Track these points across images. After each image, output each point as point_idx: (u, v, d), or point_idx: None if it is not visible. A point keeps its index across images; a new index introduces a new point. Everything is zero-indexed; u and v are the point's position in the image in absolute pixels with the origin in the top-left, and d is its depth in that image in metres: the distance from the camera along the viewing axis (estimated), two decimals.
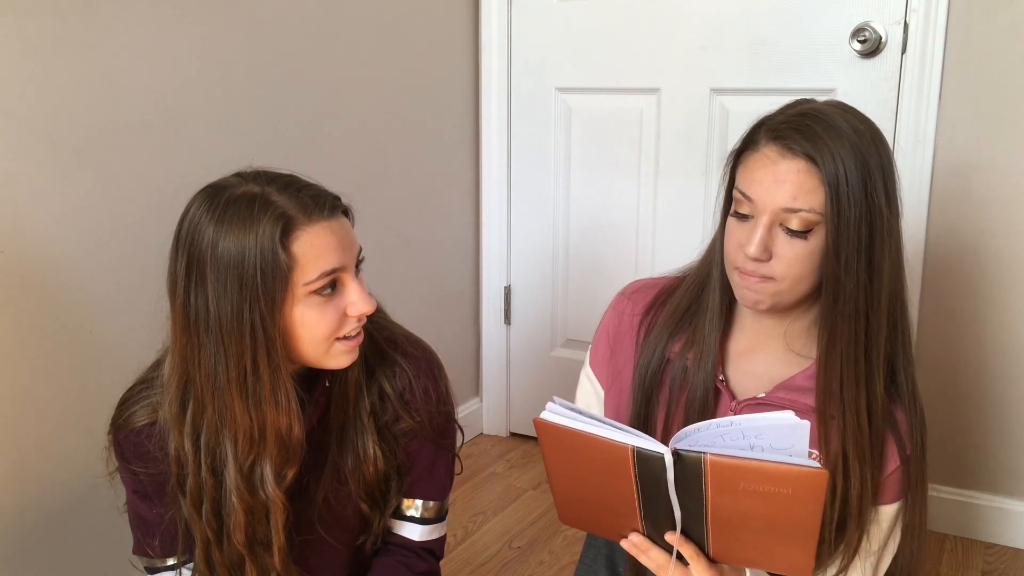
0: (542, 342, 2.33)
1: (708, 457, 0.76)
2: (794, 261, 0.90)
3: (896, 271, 0.92)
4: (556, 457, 0.87)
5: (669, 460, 0.78)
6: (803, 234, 0.89)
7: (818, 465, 0.74)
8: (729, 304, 1.01)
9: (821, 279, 0.91)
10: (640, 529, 0.87)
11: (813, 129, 0.89)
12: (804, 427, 0.76)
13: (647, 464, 0.79)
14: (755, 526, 0.80)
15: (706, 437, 0.78)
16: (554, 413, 0.83)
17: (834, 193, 0.87)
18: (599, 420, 0.82)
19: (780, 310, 0.95)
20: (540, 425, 0.83)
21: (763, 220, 0.90)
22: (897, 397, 0.96)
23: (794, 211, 0.88)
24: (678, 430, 0.99)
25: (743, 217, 0.92)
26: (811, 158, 0.87)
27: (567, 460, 0.86)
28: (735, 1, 1.92)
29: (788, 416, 0.76)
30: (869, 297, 0.90)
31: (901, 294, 0.94)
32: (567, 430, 0.82)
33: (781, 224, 0.90)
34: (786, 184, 0.88)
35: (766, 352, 1.00)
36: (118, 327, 1.39)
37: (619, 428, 0.81)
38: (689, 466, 0.78)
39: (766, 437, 0.77)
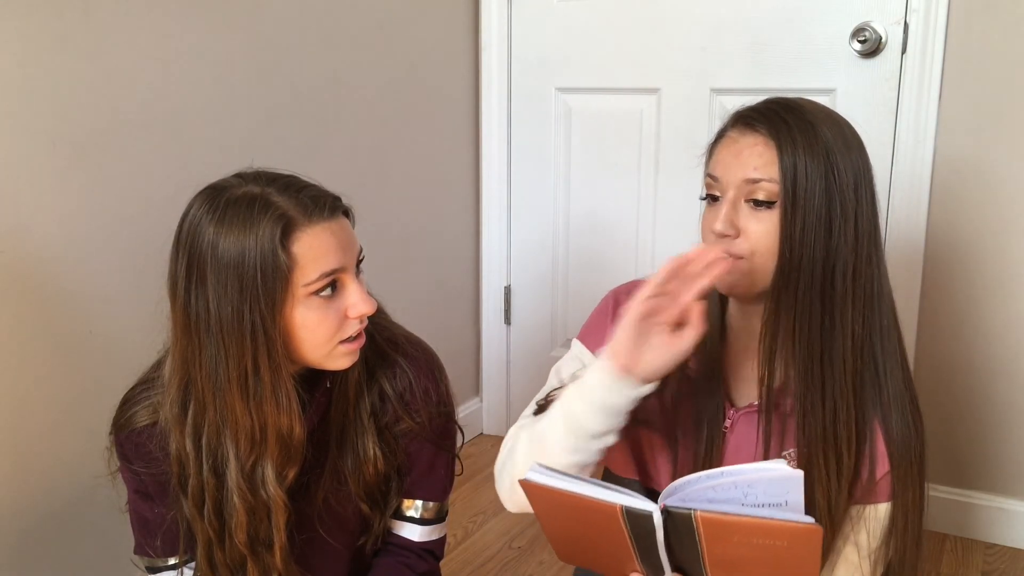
0: (542, 342, 2.33)
1: (698, 514, 0.75)
2: (762, 235, 0.90)
3: (865, 263, 0.90)
4: (547, 513, 0.86)
5: (658, 519, 0.77)
6: (768, 205, 0.89)
7: (812, 520, 0.72)
8: (722, 307, 1.00)
9: None
10: (640, 571, 0.87)
11: (775, 110, 0.91)
12: (797, 478, 0.74)
13: (638, 521, 0.79)
14: (755, 570, 0.79)
15: (696, 492, 0.77)
16: (539, 473, 0.82)
17: (788, 160, 0.87)
18: (584, 480, 0.81)
19: (756, 294, 0.94)
20: (527, 486, 0.82)
21: (728, 196, 0.92)
22: (878, 398, 0.94)
23: (755, 181, 0.89)
24: (687, 443, 0.99)
25: (713, 200, 0.94)
26: (770, 131, 0.89)
27: (558, 515, 0.85)
28: (735, 2, 1.92)
29: (780, 467, 0.74)
30: (824, 278, 0.89)
31: (880, 291, 0.93)
32: (554, 491, 0.81)
33: (747, 198, 0.91)
34: (744, 156, 0.90)
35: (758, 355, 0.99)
36: (118, 327, 1.39)
37: (605, 487, 0.80)
38: (680, 522, 0.77)
39: (759, 487, 0.75)
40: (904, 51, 1.77)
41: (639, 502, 0.78)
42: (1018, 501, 1.85)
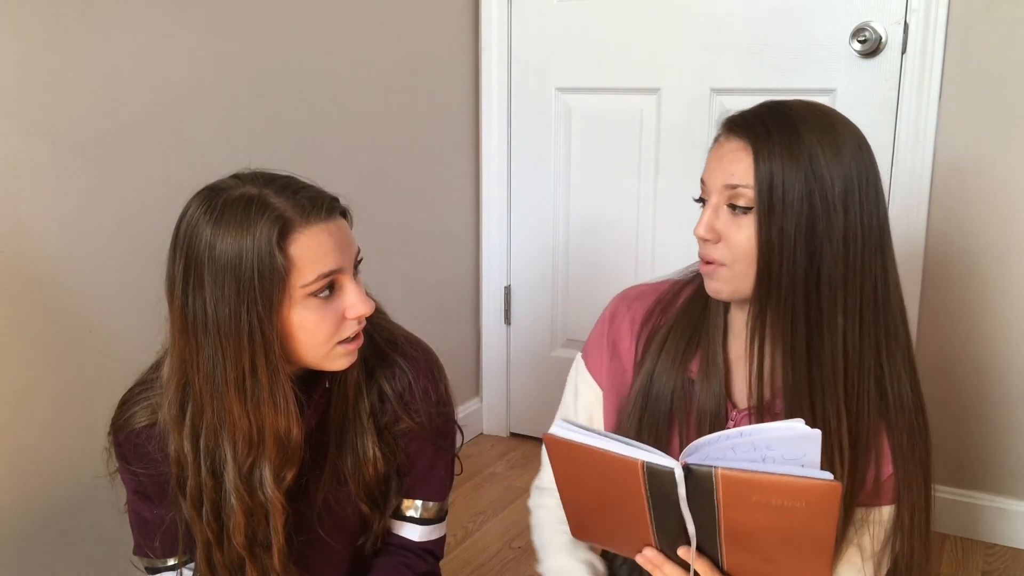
0: (542, 342, 2.33)
1: (719, 471, 0.75)
2: (742, 241, 0.90)
3: (859, 270, 0.89)
4: (567, 473, 0.86)
5: (680, 475, 0.77)
6: (747, 211, 0.89)
7: (831, 477, 0.73)
8: (724, 308, 1.01)
9: None
10: (653, 544, 0.87)
11: (760, 114, 0.91)
12: (815, 436, 0.74)
13: (657, 479, 0.79)
14: (769, 540, 0.79)
15: (716, 450, 0.77)
16: (563, 428, 0.82)
17: (764, 167, 0.87)
18: (608, 435, 0.81)
19: (745, 298, 0.94)
20: (549, 440, 0.83)
21: (712, 201, 0.92)
22: (883, 402, 0.94)
23: (734, 187, 0.89)
24: (690, 443, 0.99)
25: (704, 203, 0.94)
26: (748, 136, 0.89)
27: (578, 476, 0.85)
28: (735, 1, 1.92)
29: (798, 425, 0.75)
30: (808, 285, 0.88)
31: (885, 297, 0.92)
32: (577, 445, 0.81)
33: (729, 203, 0.91)
34: (725, 161, 0.91)
35: (774, 354, 0.98)
36: (118, 327, 1.39)
37: (628, 443, 0.80)
38: (700, 480, 0.77)
39: (777, 448, 0.75)
40: (904, 51, 1.77)
41: (661, 458, 0.78)
42: (1018, 501, 1.85)
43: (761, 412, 0.95)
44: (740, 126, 0.91)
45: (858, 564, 0.97)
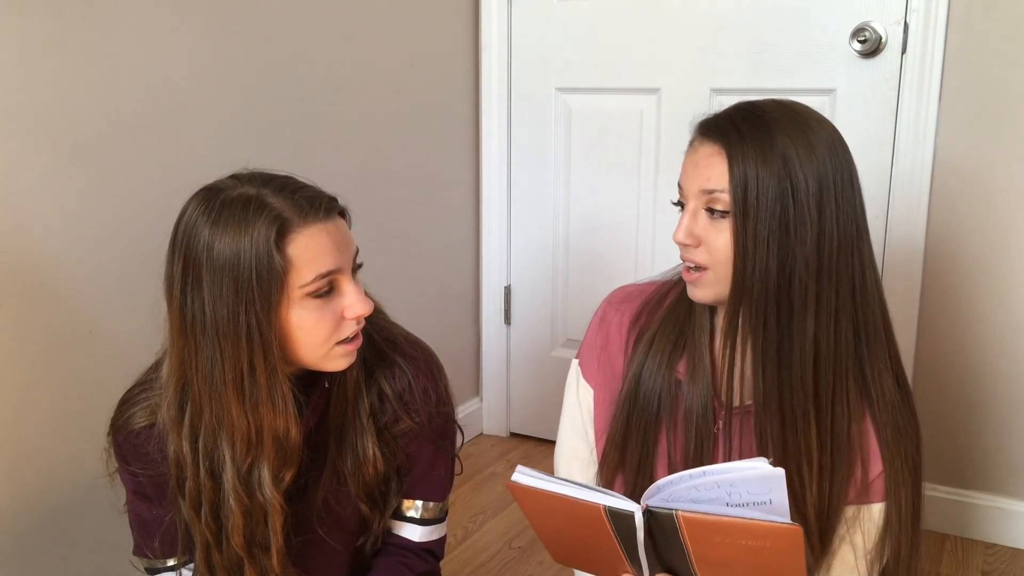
0: (542, 342, 2.34)
1: (680, 514, 0.76)
2: (722, 245, 0.90)
3: (834, 270, 0.89)
4: (537, 515, 0.88)
5: (639, 519, 0.78)
6: (725, 214, 0.89)
7: (790, 522, 0.72)
8: (711, 310, 1.01)
9: None
10: (630, 571, 0.88)
11: (732, 117, 0.92)
12: (779, 476, 0.74)
13: (622, 520, 0.79)
14: (742, 570, 0.79)
15: (680, 491, 0.77)
16: (525, 475, 0.83)
17: (739, 171, 0.87)
18: (568, 481, 0.82)
19: (724, 302, 0.95)
20: (514, 488, 0.84)
21: (690, 206, 0.92)
22: (866, 399, 0.94)
23: (710, 192, 0.90)
24: (678, 444, 0.99)
25: (683, 207, 0.94)
26: (722, 141, 0.89)
27: (548, 515, 0.87)
28: (735, 2, 1.92)
29: (762, 466, 0.74)
30: (779, 288, 0.88)
31: (862, 295, 0.92)
32: (541, 492, 0.82)
33: (707, 208, 0.91)
34: (700, 166, 0.91)
35: (746, 355, 0.99)
36: (118, 328, 1.39)
37: (588, 488, 0.81)
38: (664, 522, 0.77)
39: (741, 486, 0.75)
40: (904, 51, 1.77)
41: (621, 502, 0.79)
42: (1018, 501, 1.85)
43: (730, 413, 0.95)
44: (713, 130, 0.91)
45: (851, 562, 0.98)
